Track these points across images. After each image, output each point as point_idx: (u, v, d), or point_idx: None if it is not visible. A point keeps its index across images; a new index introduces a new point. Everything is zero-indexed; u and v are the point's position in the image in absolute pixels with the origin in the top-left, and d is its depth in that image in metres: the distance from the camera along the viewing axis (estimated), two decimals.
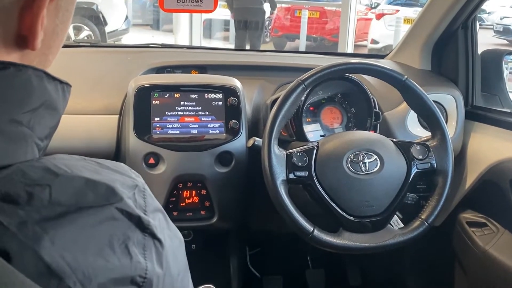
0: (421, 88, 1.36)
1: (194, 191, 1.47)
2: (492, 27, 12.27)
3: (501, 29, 11.90)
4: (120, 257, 0.49)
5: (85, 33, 7.74)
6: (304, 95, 1.51)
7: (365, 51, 10.04)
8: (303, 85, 1.31)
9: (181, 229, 1.54)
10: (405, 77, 1.35)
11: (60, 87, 0.55)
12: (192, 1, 1.39)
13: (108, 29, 8.02)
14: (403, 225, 1.39)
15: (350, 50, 7.65)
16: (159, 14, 12.21)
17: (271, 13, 8.83)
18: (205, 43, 10.03)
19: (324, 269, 2.10)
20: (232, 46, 11.34)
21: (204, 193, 1.47)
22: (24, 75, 0.51)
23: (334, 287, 2.11)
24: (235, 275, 1.67)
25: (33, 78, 0.52)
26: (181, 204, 1.47)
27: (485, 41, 11.26)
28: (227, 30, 11.94)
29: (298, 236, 1.28)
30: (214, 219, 1.48)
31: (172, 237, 0.58)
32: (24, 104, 0.51)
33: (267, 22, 11.95)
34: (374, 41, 9.60)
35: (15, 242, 0.45)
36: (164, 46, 2.00)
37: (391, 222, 1.47)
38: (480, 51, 1.76)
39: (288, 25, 11.23)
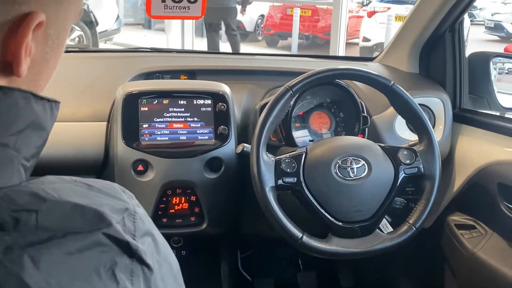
0: (407, 93, 1.36)
1: (183, 198, 1.48)
2: (483, 23, 12.31)
3: (492, 25, 11.96)
4: (107, 283, 0.49)
5: (76, 33, 7.68)
6: (293, 101, 1.51)
7: (356, 49, 10.05)
8: (291, 92, 1.31)
9: (170, 235, 1.56)
10: (392, 82, 1.36)
11: (48, 105, 0.55)
12: (180, 8, 1.39)
13: (99, 29, 7.97)
14: (392, 229, 1.40)
15: (341, 48, 7.65)
16: None
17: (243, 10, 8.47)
18: (197, 41, 9.99)
19: (315, 272, 2.11)
20: (225, 45, 11.38)
21: (194, 200, 1.48)
22: (10, 98, 0.52)
23: None
24: (225, 280, 1.67)
25: (20, 100, 0.52)
26: (171, 211, 1.47)
27: (477, 37, 11.32)
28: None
29: None
30: (204, 225, 1.49)
31: (161, 262, 0.57)
32: (10, 127, 0.51)
33: (259, 21, 11.96)
34: (365, 39, 9.61)
35: (1, 268, 0.44)
36: (154, 50, 2.00)
37: (380, 226, 1.48)
38: (471, 47, 1.77)
39: (280, 23, 11.23)
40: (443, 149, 1.65)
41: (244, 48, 11.23)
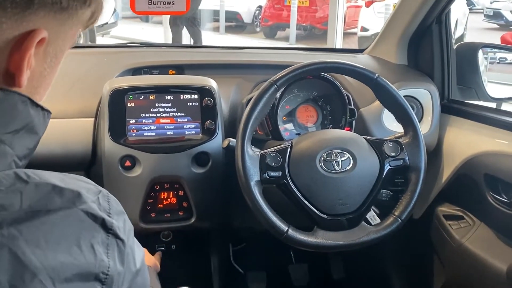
0: (392, 86, 1.37)
1: (171, 192, 1.48)
2: (482, 11, 12.26)
3: (492, 13, 11.90)
4: (86, 255, 0.55)
5: None
6: (278, 95, 1.51)
7: (355, 39, 10.03)
8: (275, 86, 1.31)
9: (159, 230, 1.57)
10: (377, 75, 1.36)
11: (41, 113, 0.63)
12: (164, 3, 1.40)
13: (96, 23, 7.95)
14: (380, 221, 1.41)
15: (339, 39, 7.64)
16: None
17: None
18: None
19: (307, 264, 2.12)
20: (223, 37, 11.36)
21: (182, 194, 1.48)
22: (11, 100, 0.59)
23: (317, 282, 2.13)
24: (216, 273, 1.68)
25: (19, 103, 0.60)
26: (159, 206, 1.48)
27: (476, 25, 11.28)
28: (216, 20, 11.91)
29: None
30: (193, 220, 1.49)
31: (132, 237, 0.65)
32: (8, 125, 0.59)
33: (257, 12, 11.93)
34: (364, 29, 9.58)
35: None
36: (143, 45, 2.00)
37: (368, 218, 1.49)
38: (470, 36, 1.77)
39: (278, 14, 11.20)
40: (431, 140, 1.66)
41: (242, 40, 11.24)
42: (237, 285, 2.04)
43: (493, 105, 1.84)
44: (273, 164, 1.29)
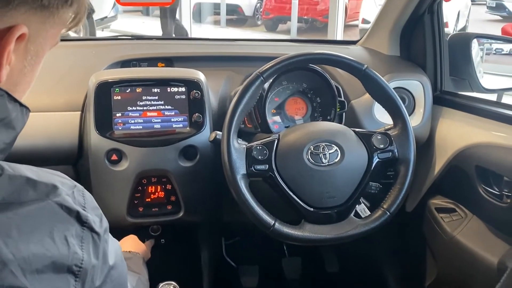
0: (381, 77, 1.35)
1: (159, 186, 1.47)
2: (485, 3, 12.17)
3: (494, 5, 11.80)
4: (59, 247, 0.56)
5: None
6: (266, 87, 1.50)
7: (356, 31, 9.99)
8: (262, 78, 1.30)
9: (148, 224, 1.55)
10: (365, 66, 1.34)
11: (19, 109, 0.62)
12: None
13: (96, 16, 7.95)
14: (370, 213, 1.39)
15: (339, 31, 7.60)
16: None
17: None
18: (196, 27, 9.95)
19: (300, 257, 2.11)
20: (223, 30, 11.32)
21: (170, 188, 1.47)
22: None
23: (310, 275, 2.11)
24: (206, 267, 1.67)
25: None
26: (147, 200, 1.46)
27: (478, 17, 11.21)
28: (217, 14, 11.86)
29: None
30: (181, 214, 1.48)
31: (108, 231, 0.66)
32: None
33: (258, 5, 11.88)
34: (365, 21, 9.53)
35: None
36: (133, 37, 1.98)
37: (358, 211, 1.47)
38: (473, 28, 1.74)
39: (279, 7, 11.15)
40: (423, 132, 1.64)
41: (243, 33, 11.19)
42: (230, 279, 2.03)
43: (493, 97, 1.81)
44: (260, 157, 1.27)
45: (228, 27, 11.67)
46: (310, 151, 1.29)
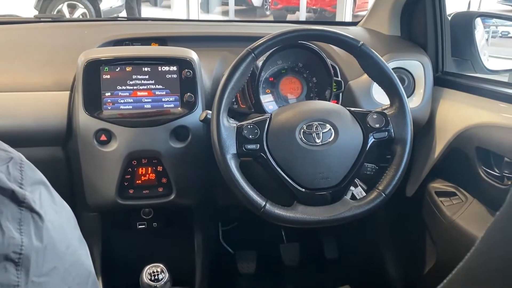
0: (377, 54, 1.30)
1: (150, 168, 1.43)
2: None
3: None
4: None
5: (80, 11, 7.65)
6: (260, 65, 1.45)
7: None
8: (253, 54, 1.26)
9: (139, 207, 1.52)
10: (361, 42, 1.29)
11: None
12: None
13: (103, 6, 7.92)
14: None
15: (347, 20, 7.53)
16: None
17: None
18: (203, 17, 9.90)
19: (299, 243, 2.07)
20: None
21: (161, 170, 1.43)
22: None
23: (309, 261, 2.07)
24: (200, 252, 1.63)
25: None
26: (137, 182, 1.43)
27: (490, 7, 11.07)
28: (225, 4, 11.80)
29: None
30: (172, 196, 1.44)
31: (58, 211, 0.57)
32: None
33: None
34: None
35: None
36: (128, 18, 1.94)
37: (355, 194, 1.43)
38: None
39: None
40: (422, 114, 1.59)
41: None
42: (227, 264, 2.00)
43: (504, 78, 1.76)
44: (251, 136, 1.23)
45: (237, 17, 11.61)
46: (302, 130, 1.25)
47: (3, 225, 0.48)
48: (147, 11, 11.43)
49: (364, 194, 1.41)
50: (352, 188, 1.42)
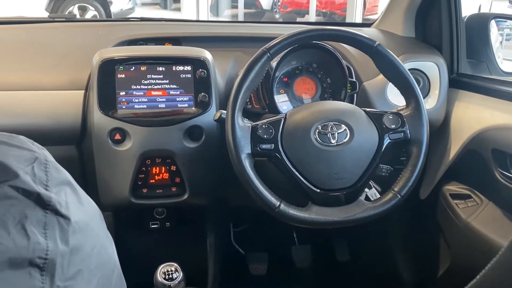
0: (393, 55, 1.29)
1: (163, 167, 1.43)
2: None
3: None
4: (16, 238, 0.46)
5: (90, 13, 7.70)
6: (274, 66, 1.45)
7: None
8: (268, 54, 1.25)
9: (152, 206, 1.52)
10: (377, 42, 1.28)
11: None
12: None
13: (113, 8, 7.96)
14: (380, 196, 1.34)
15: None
16: None
17: None
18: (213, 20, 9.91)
19: (310, 245, 2.06)
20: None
21: (174, 169, 1.43)
22: None
23: (320, 264, 2.06)
24: (212, 253, 1.63)
25: None
26: (151, 181, 1.43)
27: (501, 12, 11.00)
28: (235, 7, 11.81)
29: None
30: (186, 196, 1.44)
31: (84, 210, 0.55)
32: None
33: None
34: None
35: None
36: (143, 19, 1.94)
37: (369, 195, 1.42)
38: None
39: (297, 0, 11.08)
40: (437, 115, 1.58)
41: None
42: (238, 266, 1.99)
43: None
44: (265, 136, 1.22)
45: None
46: (318, 130, 1.24)
47: (28, 229, 0.47)
48: (157, 14, 11.48)
49: (378, 196, 1.39)
50: (366, 189, 1.41)
